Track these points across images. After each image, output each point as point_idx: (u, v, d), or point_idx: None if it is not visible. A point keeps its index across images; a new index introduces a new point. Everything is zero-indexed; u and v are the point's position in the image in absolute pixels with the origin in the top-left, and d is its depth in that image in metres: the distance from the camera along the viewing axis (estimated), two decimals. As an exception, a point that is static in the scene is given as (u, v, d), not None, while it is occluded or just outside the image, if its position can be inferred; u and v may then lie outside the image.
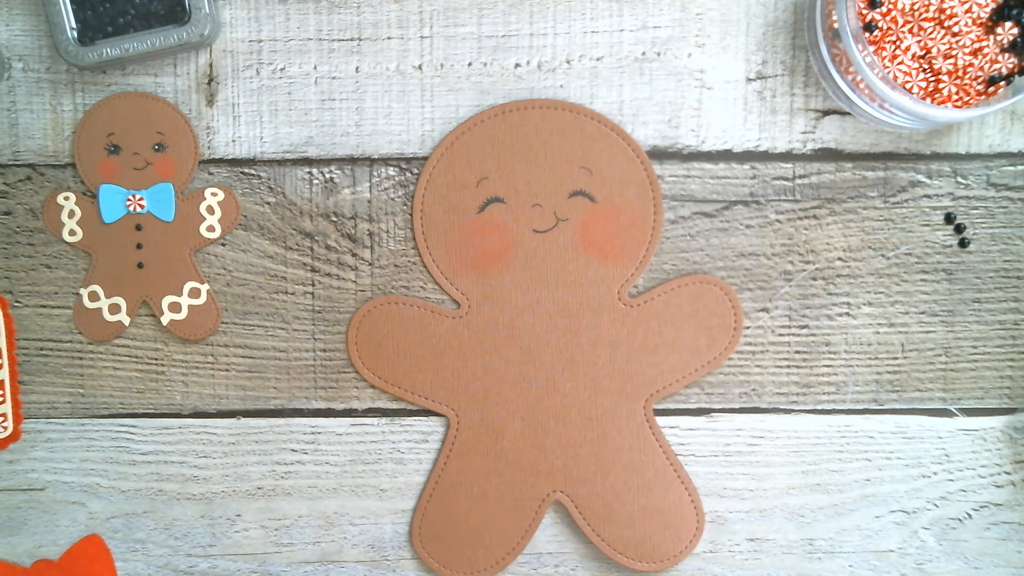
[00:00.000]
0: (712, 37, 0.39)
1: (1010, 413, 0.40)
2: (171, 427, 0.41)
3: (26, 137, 0.40)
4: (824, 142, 0.39)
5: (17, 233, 0.40)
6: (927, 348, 0.40)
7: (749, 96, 0.39)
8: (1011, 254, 0.39)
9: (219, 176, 0.40)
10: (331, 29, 0.39)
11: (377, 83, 0.39)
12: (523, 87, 0.39)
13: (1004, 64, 0.36)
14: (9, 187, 0.40)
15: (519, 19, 0.39)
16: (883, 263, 0.40)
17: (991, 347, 0.40)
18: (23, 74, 0.39)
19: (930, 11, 0.36)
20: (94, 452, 0.41)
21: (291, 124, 0.39)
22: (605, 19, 0.39)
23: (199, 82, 0.39)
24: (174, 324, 0.40)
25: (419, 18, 0.39)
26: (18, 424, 0.41)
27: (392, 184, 0.40)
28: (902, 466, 0.40)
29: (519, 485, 0.40)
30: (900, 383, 0.40)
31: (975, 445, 0.40)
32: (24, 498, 0.41)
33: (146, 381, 0.41)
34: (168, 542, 0.41)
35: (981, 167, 0.39)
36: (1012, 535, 0.40)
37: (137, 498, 0.41)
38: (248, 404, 0.41)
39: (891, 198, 0.39)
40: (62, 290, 0.40)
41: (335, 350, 0.40)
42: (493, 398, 0.40)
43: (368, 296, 0.40)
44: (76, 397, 0.41)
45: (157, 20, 0.38)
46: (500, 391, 0.40)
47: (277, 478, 0.41)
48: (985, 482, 0.40)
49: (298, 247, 0.40)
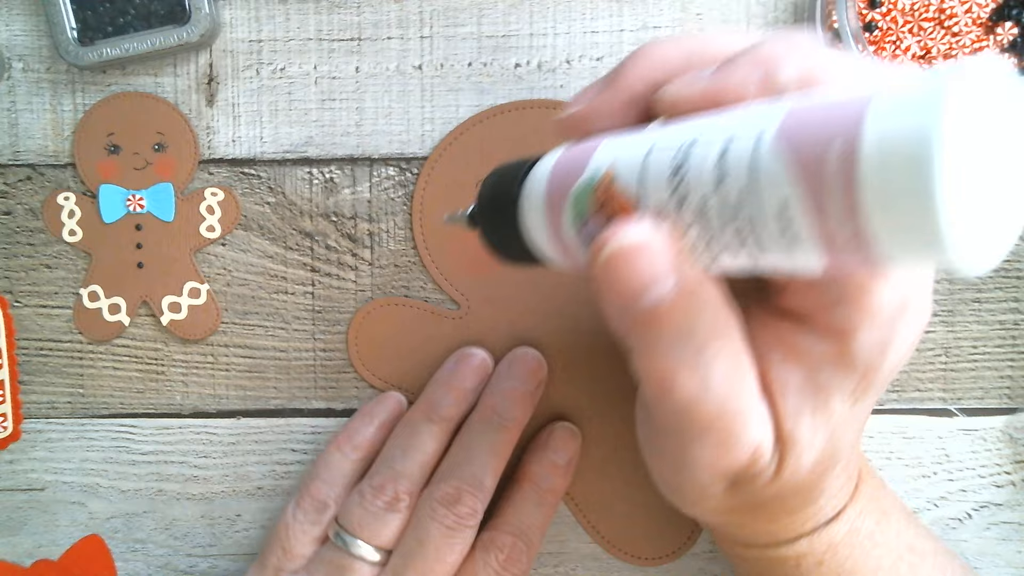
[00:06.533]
0: (712, 37, 0.39)
1: (1010, 413, 0.40)
2: (171, 427, 0.41)
3: (26, 137, 0.40)
4: (824, 142, 0.39)
5: (17, 233, 0.40)
6: (927, 348, 0.40)
7: (749, 96, 0.39)
8: (1011, 254, 0.39)
9: (219, 176, 0.40)
10: (331, 29, 0.39)
11: (377, 83, 0.39)
12: (523, 87, 0.39)
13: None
14: (9, 187, 0.40)
15: (519, 19, 0.39)
16: (883, 263, 0.40)
17: (991, 347, 0.40)
18: (23, 74, 0.39)
19: (930, 11, 0.36)
20: (94, 452, 0.41)
21: (291, 124, 0.39)
22: (605, 19, 0.39)
23: (199, 82, 0.39)
24: (174, 324, 0.40)
25: (419, 18, 0.39)
26: (18, 424, 0.41)
27: (392, 184, 0.40)
28: (902, 466, 0.40)
29: (519, 485, 0.40)
30: (900, 383, 0.40)
31: (975, 445, 0.40)
32: (24, 498, 0.41)
33: (146, 381, 0.41)
34: (168, 542, 0.41)
35: (981, 167, 0.39)
36: (1012, 535, 0.40)
37: (137, 498, 0.41)
38: (248, 404, 0.41)
39: (891, 198, 0.39)
40: (62, 290, 0.40)
41: (335, 350, 0.40)
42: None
43: (368, 296, 0.40)
44: (76, 397, 0.41)
45: (157, 20, 0.38)
46: (500, 391, 0.40)
47: (277, 478, 0.41)
48: (985, 482, 0.40)
49: (298, 247, 0.40)
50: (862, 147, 0.16)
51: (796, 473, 0.25)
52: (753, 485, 0.25)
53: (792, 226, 0.18)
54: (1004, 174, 0.16)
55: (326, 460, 0.38)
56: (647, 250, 0.20)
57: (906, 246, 0.16)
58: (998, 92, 0.16)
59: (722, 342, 0.22)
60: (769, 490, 0.25)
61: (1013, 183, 0.16)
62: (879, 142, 0.15)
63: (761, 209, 0.18)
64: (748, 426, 0.23)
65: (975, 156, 0.15)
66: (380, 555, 0.35)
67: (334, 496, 0.37)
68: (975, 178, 0.15)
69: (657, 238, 0.20)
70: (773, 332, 0.24)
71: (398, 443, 0.37)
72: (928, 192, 0.15)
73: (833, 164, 0.16)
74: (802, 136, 0.17)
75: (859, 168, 0.16)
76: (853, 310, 0.22)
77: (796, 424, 0.24)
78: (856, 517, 0.30)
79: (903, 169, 0.15)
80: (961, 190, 0.15)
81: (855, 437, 0.26)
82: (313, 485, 0.38)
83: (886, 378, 0.24)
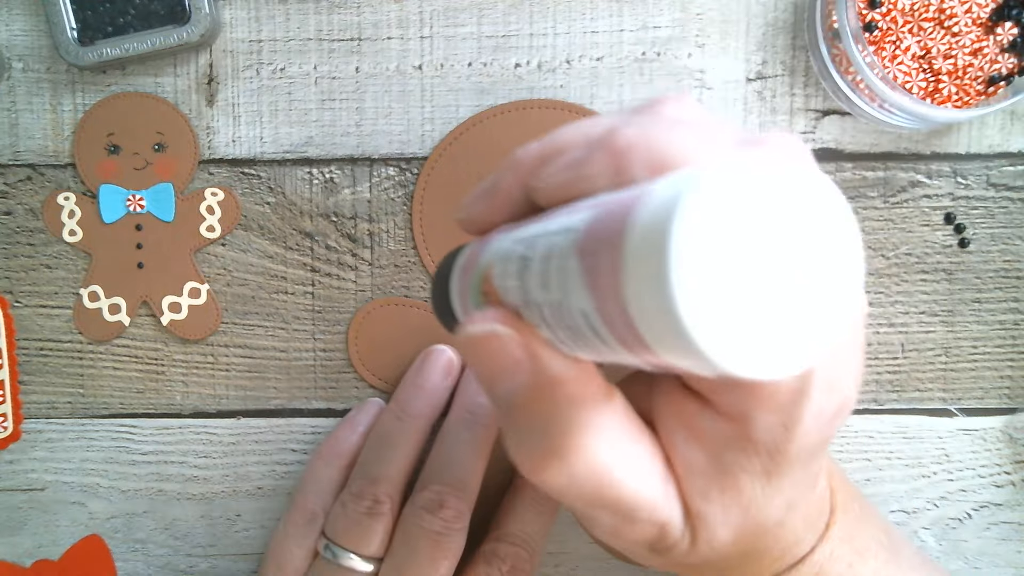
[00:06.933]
0: (712, 37, 0.39)
1: (1010, 413, 0.40)
2: (171, 427, 0.41)
3: (26, 137, 0.40)
4: (824, 142, 0.39)
5: (17, 233, 0.40)
6: (927, 348, 0.40)
7: (749, 96, 0.39)
8: (1011, 254, 0.39)
9: (219, 176, 0.40)
10: (331, 29, 0.39)
11: (377, 83, 0.39)
12: (523, 87, 0.39)
13: (1004, 64, 0.36)
14: (9, 187, 0.40)
15: (519, 19, 0.39)
16: (883, 263, 0.40)
17: (991, 347, 0.40)
18: (23, 74, 0.39)
19: (930, 11, 0.36)
20: (94, 452, 0.41)
21: (291, 124, 0.39)
22: (605, 19, 0.39)
23: (199, 82, 0.39)
24: (174, 324, 0.40)
25: (419, 18, 0.39)
26: (18, 424, 0.41)
27: (392, 184, 0.40)
28: (902, 466, 0.40)
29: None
30: (900, 383, 0.40)
31: (975, 445, 0.40)
32: (24, 498, 0.41)
33: (146, 381, 0.41)
34: (168, 542, 0.41)
35: (981, 167, 0.39)
36: (1012, 535, 0.40)
37: (137, 498, 0.41)
38: (248, 404, 0.41)
39: (891, 198, 0.39)
40: (62, 290, 0.40)
41: (335, 350, 0.40)
42: (493, 398, 0.40)
43: (368, 296, 0.40)
44: (76, 397, 0.41)
45: (157, 20, 0.38)
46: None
47: (277, 478, 0.41)
48: (985, 482, 0.40)
49: (298, 247, 0.40)
50: (624, 255, 0.15)
51: (715, 548, 0.24)
52: (674, 552, 0.25)
53: (599, 331, 0.17)
54: (758, 277, 0.15)
55: (312, 472, 0.38)
56: (497, 341, 0.21)
57: (672, 350, 0.15)
58: (750, 195, 0.15)
59: (590, 433, 0.21)
60: (693, 558, 0.25)
61: (772, 288, 0.15)
62: (633, 249, 0.15)
63: (572, 315, 0.18)
64: (644, 505, 0.23)
65: (720, 257, 0.14)
66: (371, 565, 0.35)
67: (322, 506, 0.37)
68: (721, 280, 0.14)
69: (506, 331, 0.21)
70: (678, 412, 0.24)
71: (372, 448, 0.37)
72: (668, 294, 0.14)
73: (606, 274, 0.16)
74: (590, 246, 0.17)
75: (623, 277, 0.15)
76: (746, 395, 0.22)
77: (704, 503, 0.23)
78: (825, 560, 0.29)
79: (648, 276, 0.14)
80: (703, 291, 0.14)
81: (792, 502, 0.25)
82: (301, 498, 0.38)
83: (805, 455, 0.23)
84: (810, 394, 0.22)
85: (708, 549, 0.24)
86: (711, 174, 0.14)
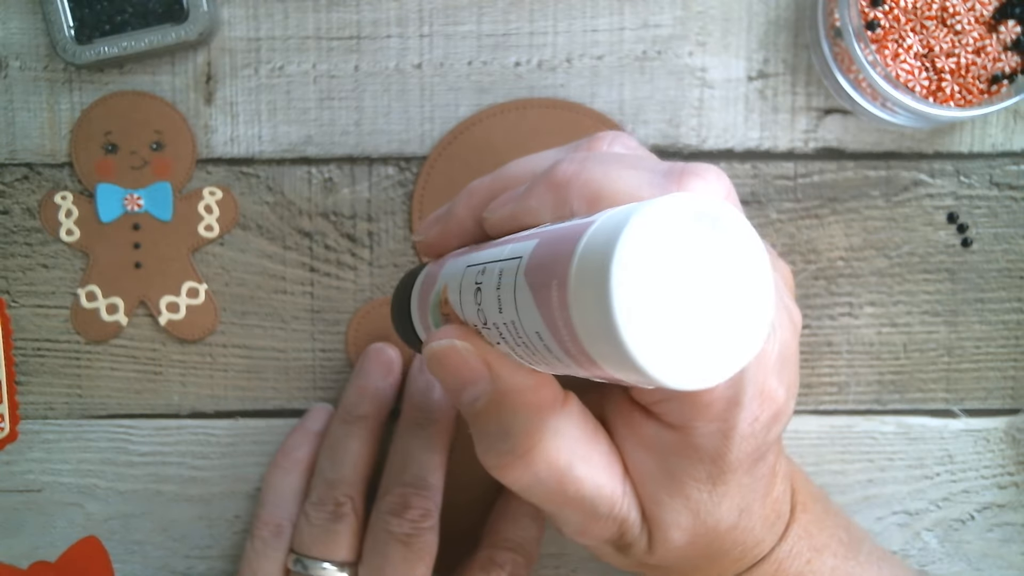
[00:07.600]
0: (713, 35, 0.38)
1: (1013, 414, 0.40)
2: (169, 428, 0.41)
3: (23, 136, 0.39)
4: (826, 141, 0.39)
5: (14, 233, 0.40)
6: (930, 348, 0.40)
7: (751, 95, 0.39)
8: (1014, 254, 0.39)
9: (217, 175, 0.40)
10: (330, 27, 0.39)
11: (376, 82, 0.39)
12: (523, 86, 0.39)
13: (1007, 63, 0.36)
14: (6, 186, 0.40)
15: (519, 17, 0.39)
16: (885, 263, 0.39)
17: (994, 347, 0.40)
18: (20, 73, 0.39)
19: (932, 9, 0.36)
20: (91, 453, 0.41)
21: (290, 123, 0.39)
22: (606, 17, 0.38)
23: (197, 81, 0.39)
24: (172, 324, 0.40)
25: (418, 16, 0.39)
26: (15, 425, 0.41)
27: (391, 183, 0.39)
28: (904, 467, 0.40)
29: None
30: (902, 384, 0.40)
31: (978, 446, 0.40)
32: (21, 499, 0.41)
33: (144, 382, 0.41)
34: (166, 543, 0.41)
35: (984, 166, 0.39)
36: (1015, 537, 0.40)
37: (135, 499, 0.41)
38: (247, 405, 0.41)
39: (893, 197, 0.39)
40: (59, 290, 0.40)
41: (334, 350, 0.40)
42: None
43: (368, 296, 0.40)
44: (73, 398, 0.41)
45: (155, 18, 0.38)
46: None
47: (276, 479, 0.41)
48: (988, 483, 0.40)
49: (297, 247, 0.40)
50: (570, 283, 0.17)
51: (671, 551, 0.26)
52: (635, 551, 0.27)
53: (552, 348, 0.19)
54: (684, 301, 0.17)
55: (269, 484, 0.38)
56: (456, 355, 0.23)
57: (615, 365, 0.17)
58: (677, 229, 0.17)
59: (548, 436, 0.24)
60: (654, 559, 0.27)
61: (697, 309, 0.17)
62: (579, 279, 0.17)
63: (527, 334, 0.20)
64: (604, 501, 0.25)
65: (652, 284, 0.16)
66: (344, 572, 0.35)
67: (287, 516, 0.37)
68: (654, 304, 0.16)
69: (464, 345, 0.23)
70: (628, 421, 0.26)
71: (326, 455, 0.37)
72: (610, 317, 0.16)
73: (555, 299, 0.18)
74: (539, 273, 0.19)
75: (569, 301, 0.17)
76: (683, 405, 0.24)
77: (656, 507, 0.26)
78: (785, 557, 0.30)
79: (593, 301, 0.16)
80: (639, 314, 0.16)
81: (746, 506, 0.27)
82: (264, 512, 0.38)
83: (747, 460, 0.25)
84: (743, 403, 0.24)
85: (664, 551, 0.26)
86: (643, 213, 0.16)
